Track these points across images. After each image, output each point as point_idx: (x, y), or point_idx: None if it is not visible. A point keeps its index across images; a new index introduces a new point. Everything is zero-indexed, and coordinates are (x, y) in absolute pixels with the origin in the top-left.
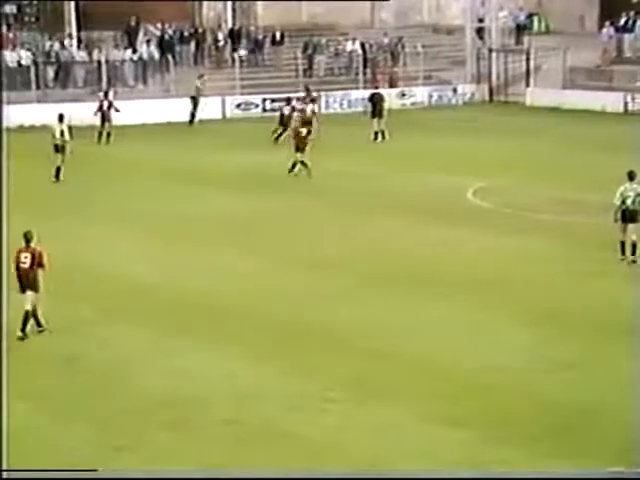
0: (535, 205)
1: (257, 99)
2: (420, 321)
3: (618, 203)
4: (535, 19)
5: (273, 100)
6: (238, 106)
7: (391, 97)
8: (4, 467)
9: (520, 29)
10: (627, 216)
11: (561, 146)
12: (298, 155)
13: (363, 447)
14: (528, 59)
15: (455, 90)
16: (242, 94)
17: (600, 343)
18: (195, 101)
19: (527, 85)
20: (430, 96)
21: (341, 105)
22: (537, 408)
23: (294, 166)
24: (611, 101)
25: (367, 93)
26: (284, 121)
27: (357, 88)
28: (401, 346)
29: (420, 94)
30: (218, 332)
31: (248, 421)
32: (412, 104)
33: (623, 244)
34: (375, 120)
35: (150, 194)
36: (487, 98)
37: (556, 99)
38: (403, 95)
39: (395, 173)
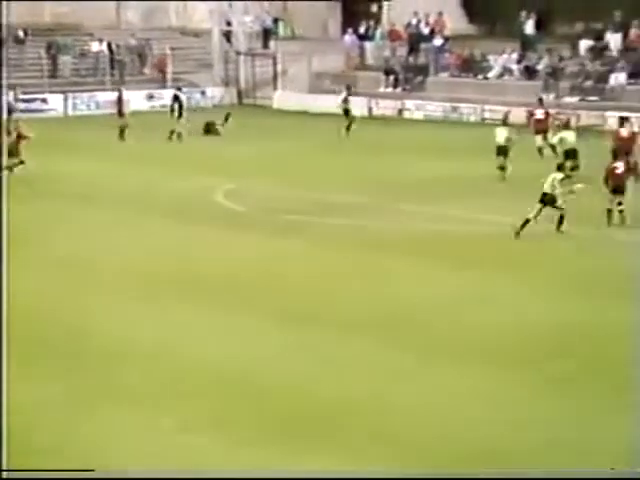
0: (286, 207)
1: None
2: (168, 322)
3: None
4: (281, 24)
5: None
6: None
7: (139, 99)
8: (4, 467)
9: (267, 33)
10: (545, 200)
11: (308, 149)
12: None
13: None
14: (275, 63)
15: (204, 93)
16: None
17: (358, 341)
18: None
19: (275, 89)
20: None
21: (88, 106)
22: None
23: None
24: (356, 105)
25: (114, 95)
26: None
27: (104, 90)
28: (145, 346)
29: (168, 97)
30: None
31: None
32: (162, 106)
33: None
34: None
35: None
36: (236, 101)
37: (303, 103)
38: (151, 97)
39: (141, 175)
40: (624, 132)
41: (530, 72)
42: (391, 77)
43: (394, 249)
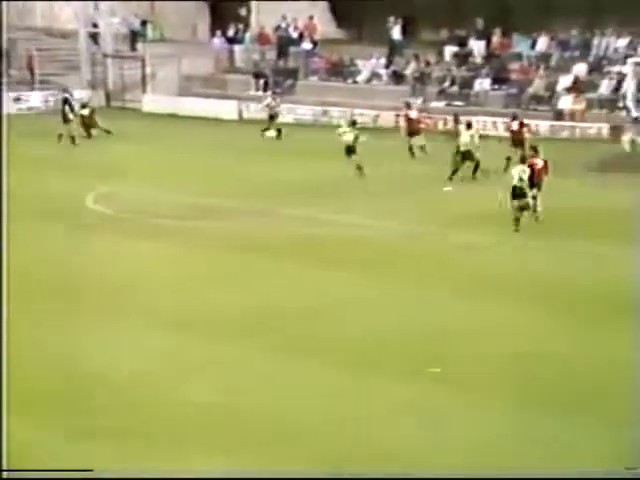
0: (156, 210)
1: None
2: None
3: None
4: (149, 26)
5: None
6: None
7: (7, 102)
8: (4, 467)
9: (134, 35)
10: (516, 193)
11: (179, 152)
12: None
13: None
14: (144, 66)
15: (71, 95)
16: None
17: (238, 344)
18: None
19: (144, 92)
20: (46, 101)
21: None
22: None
23: None
24: (226, 109)
25: None
26: None
27: None
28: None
29: (36, 99)
30: None
31: None
32: (28, 109)
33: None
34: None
35: None
36: (104, 104)
37: (172, 106)
38: (18, 100)
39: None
40: (514, 126)
41: (398, 77)
42: (261, 80)
43: (265, 251)
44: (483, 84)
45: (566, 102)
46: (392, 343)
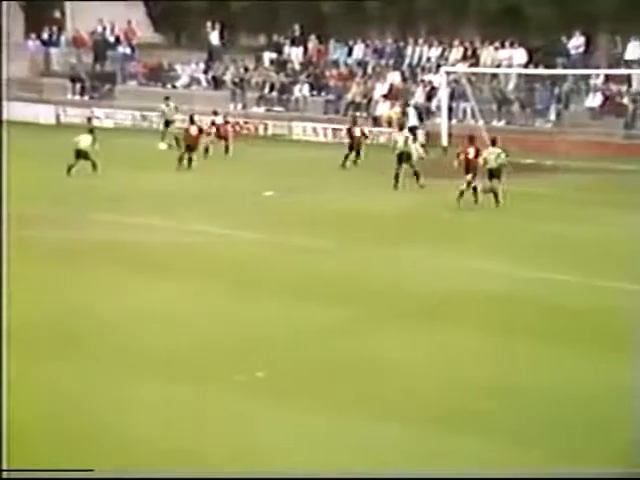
0: None
1: None
2: None
3: (482, 163)
4: None
5: None
6: None
7: None
8: (4, 467)
9: None
10: (493, 174)
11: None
12: None
13: None
14: None
15: None
16: None
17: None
18: None
19: None
20: None
21: None
22: None
23: None
24: (44, 113)
25: None
26: None
27: None
28: None
29: None
30: None
31: None
32: None
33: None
34: None
35: None
36: None
37: None
38: None
39: None
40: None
41: (217, 82)
42: (78, 84)
43: (87, 260)
44: (302, 90)
45: (383, 109)
46: (212, 350)
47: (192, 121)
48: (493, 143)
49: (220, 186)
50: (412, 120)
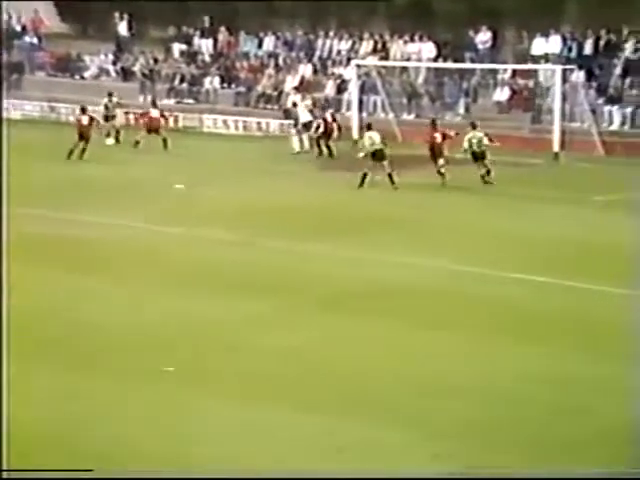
0: None
1: None
2: None
3: (467, 146)
4: None
5: None
6: None
7: None
8: (4, 467)
9: None
10: (477, 156)
11: None
12: None
13: None
14: None
15: None
16: None
17: None
18: None
19: None
20: None
21: None
22: None
23: None
24: None
25: None
26: None
27: None
28: None
29: None
30: None
31: None
32: None
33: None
34: None
35: None
36: None
37: None
38: None
39: None
40: None
41: (126, 73)
42: None
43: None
44: (212, 82)
45: (294, 101)
46: (135, 343)
47: (83, 111)
48: (474, 127)
49: (130, 179)
50: (305, 116)
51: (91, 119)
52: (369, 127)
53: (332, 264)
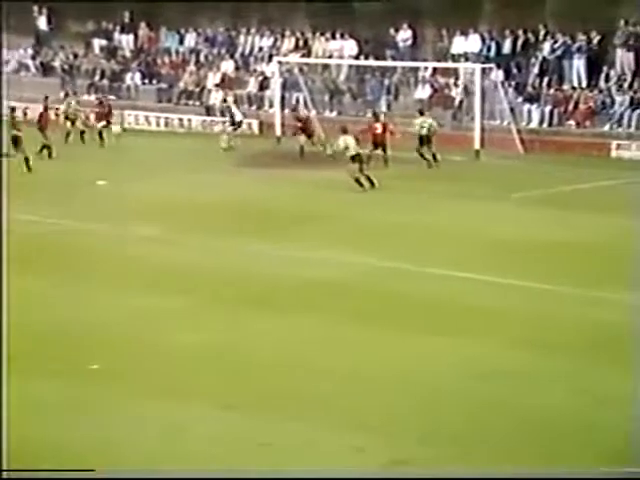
0: None
1: None
2: None
3: (417, 129)
4: None
5: None
6: None
7: None
8: (4, 467)
9: None
10: (424, 140)
11: None
12: None
13: None
14: None
15: None
16: None
17: None
18: None
19: None
20: None
21: None
22: None
23: None
24: None
25: None
26: None
27: None
28: None
29: None
30: None
31: None
32: None
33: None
34: None
35: None
36: None
37: None
38: None
39: None
40: None
41: (46, 68)
42: None
43: None
44: (134, 78)
45: (216, 98)
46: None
47: None
48: (421, 113)
49: (52, 175)
50: (239, 114)
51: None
52: (344, 131)
53: (252, 261)
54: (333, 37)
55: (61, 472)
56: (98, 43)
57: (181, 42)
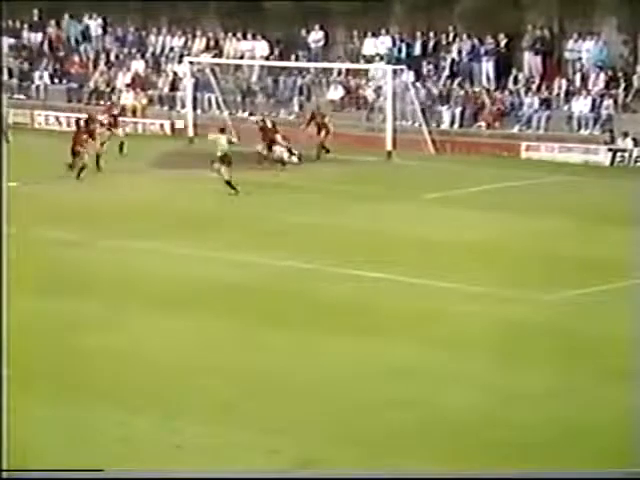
0: None
1: None
2: None
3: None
4: None
5: None
6: None
7: None
8: (4, 467)
9: None
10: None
11: None
12: None
13: None
14: None
15: None
16: None
17: None
18: None
19: None
20: None
21: None
22: None
23: None
24: None
25: None
26: None
27: None
28: None
29: None
30: None
31: None
32: None
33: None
34: None
35: None
36: None
37: None
38: None
39: None
40: None
41: None
42: None
43: None
44: (43, 78)
45: (127, 98)
46: None
47: None
48: (222, 131)
49: None
50: None
51: None
52: (222, 130)
53: (165, 262)
54: (244, 37)
55: (60, 472)
56: (6, 41)
57: (89, 39)
